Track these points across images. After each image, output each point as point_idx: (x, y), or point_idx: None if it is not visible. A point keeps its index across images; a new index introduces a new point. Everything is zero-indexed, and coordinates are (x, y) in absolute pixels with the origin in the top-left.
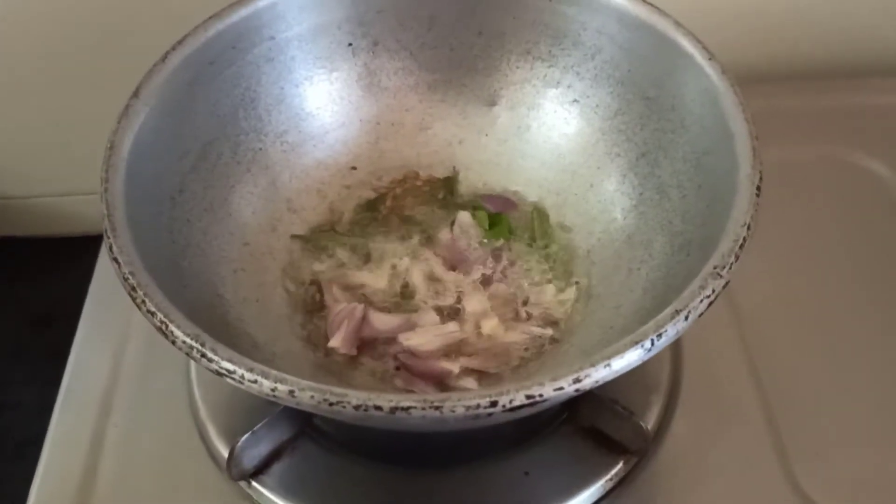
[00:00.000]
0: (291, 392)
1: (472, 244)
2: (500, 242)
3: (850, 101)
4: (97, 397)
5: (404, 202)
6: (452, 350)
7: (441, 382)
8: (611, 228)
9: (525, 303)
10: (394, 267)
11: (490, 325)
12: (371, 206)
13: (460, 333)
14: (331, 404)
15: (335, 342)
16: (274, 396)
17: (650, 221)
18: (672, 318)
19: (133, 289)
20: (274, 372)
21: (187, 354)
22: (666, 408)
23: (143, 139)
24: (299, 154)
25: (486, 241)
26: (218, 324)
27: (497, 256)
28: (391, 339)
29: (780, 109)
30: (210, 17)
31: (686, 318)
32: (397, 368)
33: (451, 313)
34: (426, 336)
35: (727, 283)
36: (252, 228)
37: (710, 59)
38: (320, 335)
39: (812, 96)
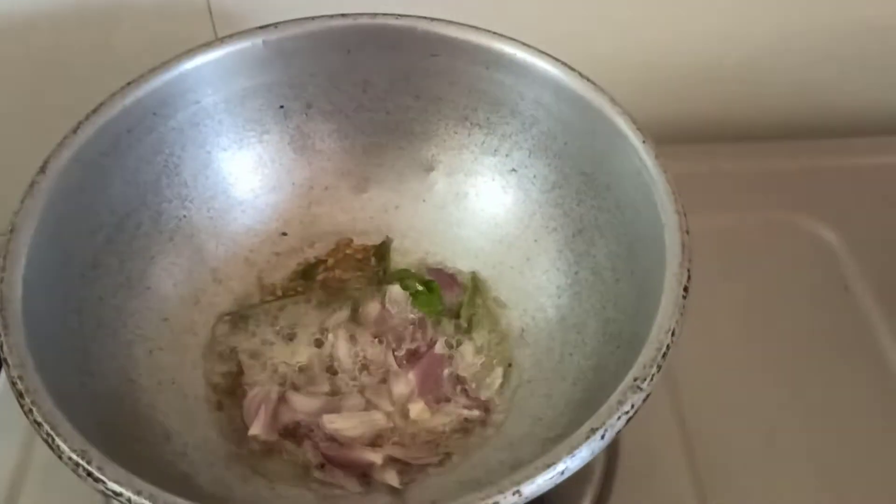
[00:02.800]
0: None
1: (402, 319)
2: (432, 318)
3: (795, 163)
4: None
5: (335, 273)
6: (377, 437)
7: (363, 474)
8: (545, 306)
9: (454, 382)
10: (319, 343)
11: (416, 410)
12: (305, 275)
13: (385, 422)
14: None
15: (255, 430)
16: None
17: (584, 304)
18: (587, 437)
19: (20, 395)
20: (164, 496)
21: (73, 472)
22: (598, 498)
23: (50, 218)
24: (227, 220)
25: (416, 315)
26: (127, 414)
27: (426, 332)
28: (313, 423)
29: (724, 171)
30: (128, 84)
31: (602, 436)
32: (321, 465)
33: (376, 395)
34: (351, 421)
35: (648, 396)
36: (173, 302)
37: (643, 141)
38: (238, 421)
39: (756, 158)
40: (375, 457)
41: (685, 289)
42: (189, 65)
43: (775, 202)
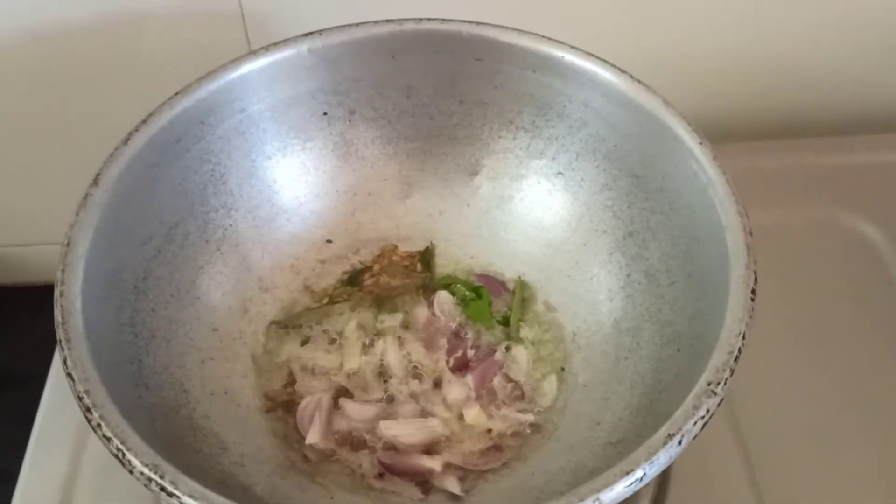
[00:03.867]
0: None
1: (451, 324)
2: (481, 324)
3: (836, 159)
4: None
5: (381, 279)
6: (434, 444)
7: (423, 482)
8: (597, 311)
9: (509, 387)
10: (369, 350)
11: (472, 414)
12: (351, 282)
13: (442, 428)
14: None
15: (312, 438)
16: None
17: (638, 307)
18: (664, 442)
19: (88, 410)
20: None
21: (145, 486)
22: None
23: (104, 231)
24: (272, 228)
25: (466, 320)
26: (185, 428)
27: (477, 338)
28: (369, 430)
29: (764, 169)
30: (176, 94)
31: (679, 442)
32: (380, 475)
33: (430, 401)
34: (408, 428)
35: (721, 401)
36: (221, 312)
37: (700, 142)
38: (292, 429)
39: (796, 155)
40: (435, 463)
41: (753, 291)
42: (235, 73)
43: (816, 199)
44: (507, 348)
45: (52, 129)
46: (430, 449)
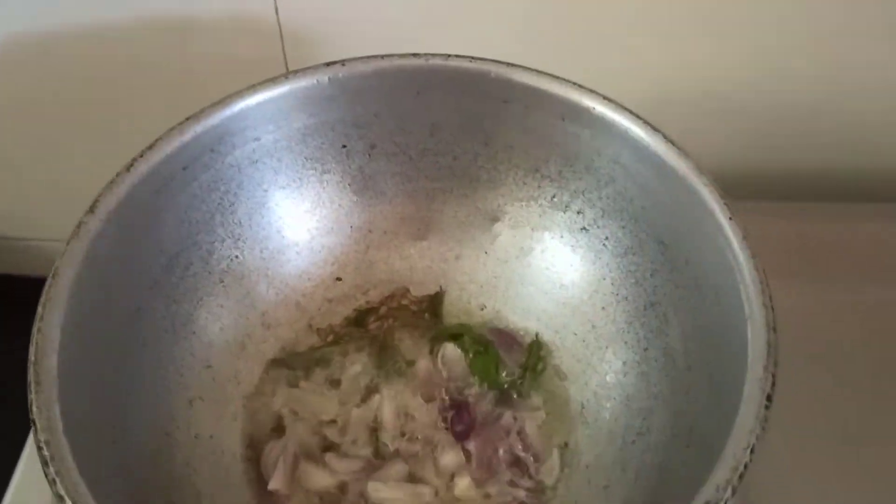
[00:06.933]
0: None
1: (455, 380)
2: (485, 384)
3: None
4: None
5: (387, 323)
6: None
7: None
8: (609, 383)
9: (511, 459)
10: (366, 400)
11: (462, 486)
12: (357, 321)
13: (433, 499)
14: None
15: (275, 484)
16: None
17: (652, 387)
18: None
19: (45, 462)
20: None
21: None
22: None
23: (96, 260)
24: (280, 262)
25: (470, 377)
26: (161, 474)
27: (481, 399)
28: (356, 493)
29: (816, 235)
30: (187, 119)
31: None
32: None
33: (420, 464)
34: (397, 492)
35: None
36: (218, 348)
37: (730, 218)
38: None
39: (853, 221)
40: None
41: (768, 397)
42: (252, 100)
43: (871, 275)
44: (515, 417)
45: (87, 130)
46: None
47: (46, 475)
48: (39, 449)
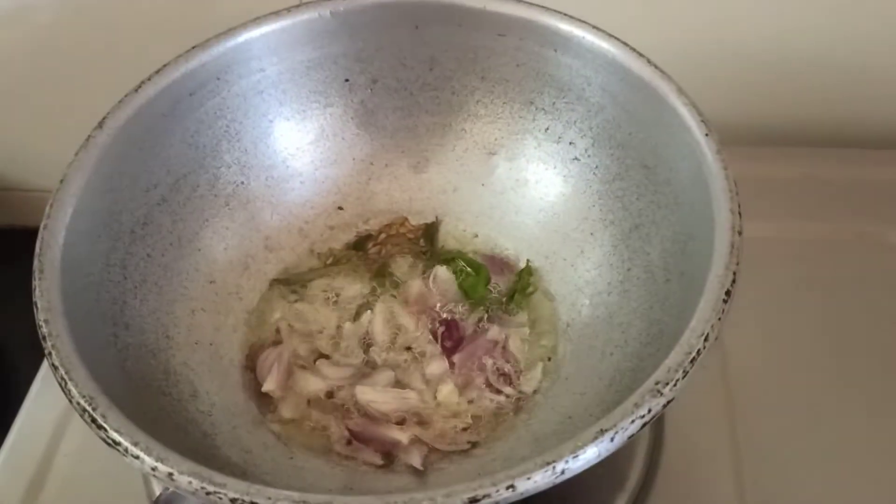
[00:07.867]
0: (170, 475)
1: (445, 300)
2: (473, 302)
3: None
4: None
5: (385, 248)
6: (405, 416)
7: (388, 452)
8: (595, 303)
9: (496, 370)
10: (359, 316)
11: (444, 391)
12: (356, 247)
13: (418, 401)
14: (207, 493)
15: (269, 385)
16: (154, 476)
17: (632, 302)
18: (594, 437)
19: (43, 338)
20: (158, 448)
21: (81, 417)
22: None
23: (103, 173)
24: (284, 190)
25: (460, 296)
26: (158, 372)
27: (469, 316)
28: (345, 397)
29: (816, 178)
30: (193, 47)
31: (612, 439)
32: (348, 441)
33: (406, 372)
34: (384, 396)
35: (670, 402)
36: (221, 266)
37: (706, 133)
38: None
39: (851, 166)
40: (402, 436)
41: (727, 292)
42: (255, 32)
43: (867, 213)
44: (501, 332)
45: (97, 61)
46: (401, 421)
47: (44, 349)
48: (39, 327)
